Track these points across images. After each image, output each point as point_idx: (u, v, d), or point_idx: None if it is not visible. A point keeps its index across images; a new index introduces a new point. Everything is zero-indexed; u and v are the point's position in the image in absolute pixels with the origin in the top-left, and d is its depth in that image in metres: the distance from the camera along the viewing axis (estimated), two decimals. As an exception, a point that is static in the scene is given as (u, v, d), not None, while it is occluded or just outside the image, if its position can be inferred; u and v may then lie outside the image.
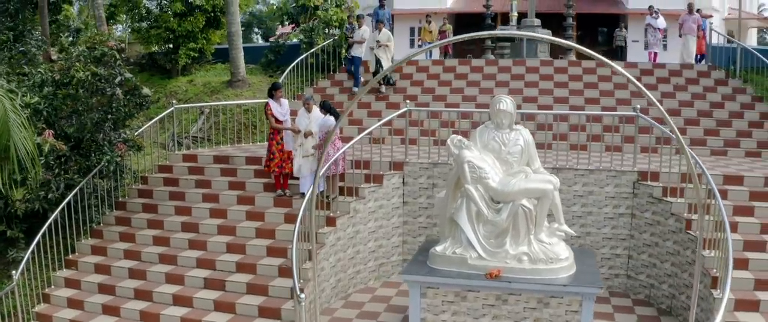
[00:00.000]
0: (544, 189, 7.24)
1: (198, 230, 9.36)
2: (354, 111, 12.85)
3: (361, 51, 13.73)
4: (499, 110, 7.45)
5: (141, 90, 9.59)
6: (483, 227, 7.38)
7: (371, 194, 9.50)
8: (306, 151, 9.13)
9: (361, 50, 13.73)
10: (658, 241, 8.64)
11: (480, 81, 13.70)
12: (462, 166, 7.31)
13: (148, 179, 10.61)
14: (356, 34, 13.80)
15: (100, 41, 9.10)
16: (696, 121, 10.85)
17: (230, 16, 13.56)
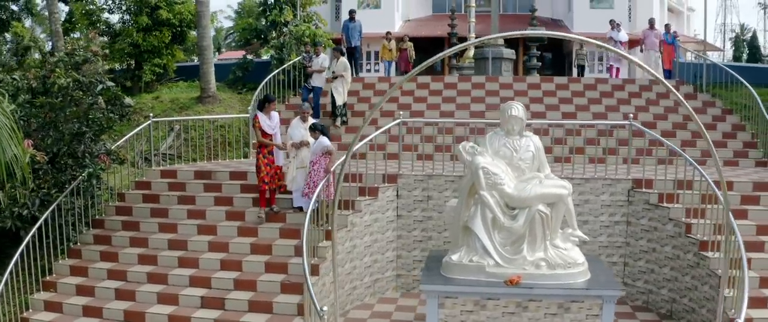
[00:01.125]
0: (560, 194, 7.27)
1: (187, 248, 8.83)
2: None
3: (321, 80, 13.12)
4: (511, 116, 7.46)
5: (123, 100, 9.04)
6: (498, 234, 7.31)
7: (367, 207, 9.28)
8: (301, 162, 8.83)
9: (321, 80, 13.11)
10: (655, 246, 8.84)
11: (455, 97, 13.82)
12: (477, 172, 7.24)
13: (126, 196, 9.97)
14: (315, 62, 13.13)
15: (81, 46, 8.53)
16: (672, 133, 11.31)
17: (201, 30, 13.13)
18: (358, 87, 14.48)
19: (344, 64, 12.80)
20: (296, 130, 9.06)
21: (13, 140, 6.42)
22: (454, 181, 9.66)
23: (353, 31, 15.59)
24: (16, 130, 6.54)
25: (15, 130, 6.52)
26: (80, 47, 8.61)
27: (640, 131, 9.47)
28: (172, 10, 13.99)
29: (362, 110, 13.61)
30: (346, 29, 15.65)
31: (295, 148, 8.91)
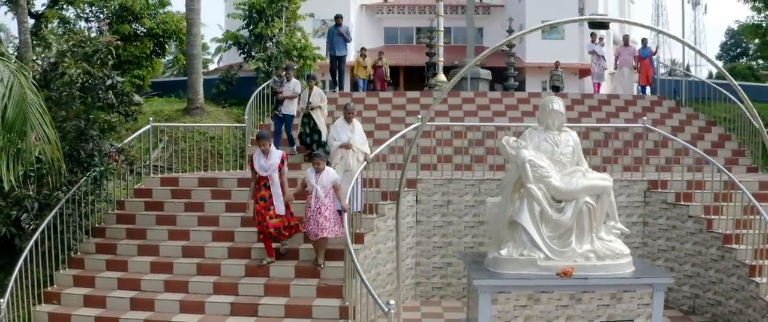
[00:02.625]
0: (605, 185, 7.32)
1: (204, 255, 8.26)
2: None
3: (293, 108, 11.79)
4: (552, 110, 7.51)
5: (132, 97, 8.46)
6: (546, 227, 7.24)
7: (390, 211, 9.03)
8: (346, 165, 8.50)
9: (293, 107, 11.78)
10: (674, 245, 9.04)
11: (448, 111, 13.88)
12: (524, 165, 7.19)
13: (125, 204, 9.26)
14: (286, 87, 11.87)
15: (90, 38, 7.96)
16: (664, 142, 11.77)
17: (192, 38, 12.60)
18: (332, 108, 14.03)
19: (320, 94, 11.51)
20: (342, 132, 8.75)
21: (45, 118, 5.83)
22: (473, 185, 9.60)
23: (339, 38, 14.76)
24: (45, 109, 5.96)
25: (44, 109, 5.94)
26: (89, 38, 8.00)
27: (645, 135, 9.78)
28: (154, 19, 13.39)
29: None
30: (331, 36, 14.81)
31: (345, 148, 8.59)
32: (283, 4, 14.46)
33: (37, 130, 5.77)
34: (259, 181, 7.78)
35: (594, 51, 16.11)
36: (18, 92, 5.74)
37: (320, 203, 7.57)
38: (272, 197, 7.71)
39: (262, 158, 7.74)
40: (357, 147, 8.64)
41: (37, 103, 5.81)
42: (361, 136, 8.79)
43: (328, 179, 7.66)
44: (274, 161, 7.72)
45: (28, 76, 6.00)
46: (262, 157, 7.74)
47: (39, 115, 5.81)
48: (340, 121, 8.93)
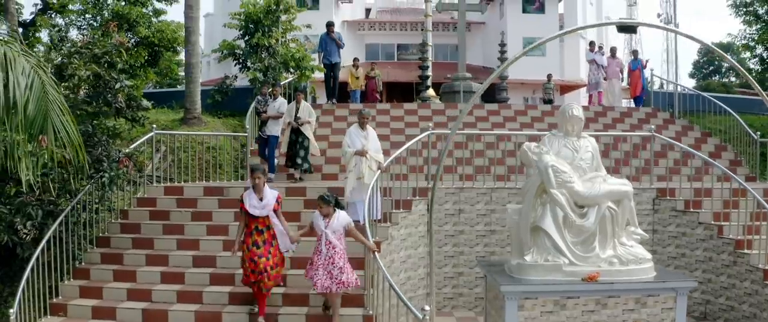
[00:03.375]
0: (626, 190, 7.36)
1: (216, 264, 8.01)
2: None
3: (278, 129, 11.16)
4: (572, 116, 7.54)
5: (140, 102, 8.23)
6: (569, 233, 7.23)
7: (403, 219, 8.94)
8: (359, 172, 8.36)
9: (277, 127, 11.16)
10: (684, 251, 9.12)
11: (446, 122, 13.88)
12: (547, 170, 7.18)
13: (129, 213, 8.96)
14: (270, 107, 11.18)
15: (100, 38, 7.74)
16: (663, 153, 11.95)
17: (190, 46, 12.37)
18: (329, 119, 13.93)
19: (309, 109, 11.02)
20: (356, 139, 8.61)
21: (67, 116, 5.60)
22: (485, 193, 9.57)
23: (332, 45, 14.35)
24: (66, 107, 5.73)
25: (65, 107, 5.71)
26: (98, 38, 7.76)
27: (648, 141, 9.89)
28: (150, 27, 13.12)
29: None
30: (324, 44, 14.38)
31: (360, 155, 8.45)
32: (279, 15, 14.32)
33: (59, 129, 5.52)
34: (249, 223, 6.64)
35: (594, 60, 15.64)
36: (39, 88, 5.51)
37: (332, 249, 6.67)
38: (270, 239, 6.69)
39: (254, 197, 6.60)
40: (371, 155, 8.52)
41: (59, 100, 5.58)
42: (375, 144, 8.69)
43: (340, 222, 6.74)
44: (268, 202, 6.65)
45: (47, 72, 5.75)
46: (253, 196, 6.61)
47: (60, 112, 5.57)
48: (354, 127, 8.81)
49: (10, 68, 5.22)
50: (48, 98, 5.51)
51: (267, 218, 6.69)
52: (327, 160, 12.27)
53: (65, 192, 7.65)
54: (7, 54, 5.28)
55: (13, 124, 5.45)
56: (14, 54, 5.40)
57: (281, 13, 14.44)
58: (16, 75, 5.23)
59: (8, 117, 5.29)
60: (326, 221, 6.73)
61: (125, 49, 7.90)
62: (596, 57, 15.57)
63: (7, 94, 5.15)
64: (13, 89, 5.17)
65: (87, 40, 7.84)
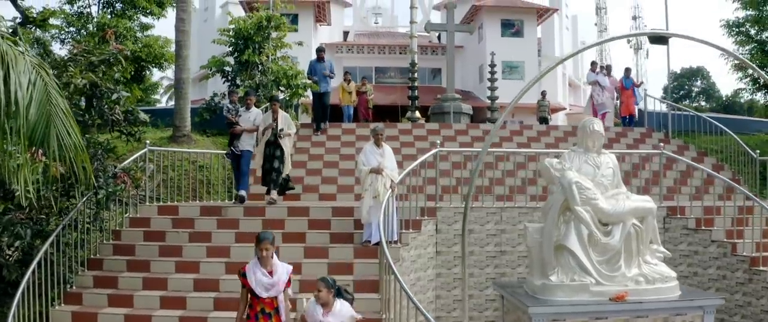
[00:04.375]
0: (650, 207, 7.19)
1: (219, 288, 7.49)
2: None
3: (251, 142, 9.82)
4: (593, 131, 7.37)
5: (138, 115, 7.76)
6: (594, 251, 7.00)
7: (413, 240, 8.60)
8: (375, 191, 7.98)
9: (252, 141, 9.83)
10: (697, 270, 8.98)
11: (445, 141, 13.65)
12: (571, 187, 6.96)
13: (121, 234, 8.40)
14: (243, 117, 9.72)
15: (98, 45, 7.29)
16: (663, 173, 11.92)
17: (181, 61, 11.91)
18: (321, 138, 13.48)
19: (287, 119, 9.72)
20: (371, 156, 8.24)
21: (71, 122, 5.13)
22: (495, 213, 9.31)
23: (321, 73, 13.30)
24: (70, 112, 5.27)
25: (69, 112, 5.25)
26: (95, 46, 7.31)
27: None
28: (137, 42, 12.62)
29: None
30: (313, 72, 13.40)
31: (375, 173, 8.08)
32: (270, 31, 13.99)
33: (63, 137, 5.04)
34: (253, 304, 5.21)
35: (597, 81, 14.61)
36: (41, 90, 5.03)
37: None
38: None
39: (260, 272, 5.17)
40: (387, 173, 8.16)
41: (62, 105, 5.11)
42: (391, 162, 8.35)
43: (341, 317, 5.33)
44: (279, 278, 5.24)
45: (49, 73, 5.28)
46: (259, 269, 5.18)
47: (64, 118, 5.09)
48: (369, 145, 8.46)
49: (11, 66, 4.74)
50: (51, 102, 5.04)
51: (275, 298, 5.22)
52: (323, 179, 11.87)
53: (55, 210, 7.09)
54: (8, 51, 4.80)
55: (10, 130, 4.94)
56: (14, 52, 4.93)
57: (272, 30, 14.11)
58: (18, 73, 4.75)
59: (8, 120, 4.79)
60: (324, 312, 5.28)
61: (124, 57, 7.43)
62: (599, 78, 14.71)
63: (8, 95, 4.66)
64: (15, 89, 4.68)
65: (83, 47, 7.37)
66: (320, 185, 11.78)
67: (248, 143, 9.78)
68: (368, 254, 8.03)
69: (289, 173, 9.96)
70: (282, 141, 9.52)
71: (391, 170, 8.29)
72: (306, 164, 12.43)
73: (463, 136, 13.92)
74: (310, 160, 12.67)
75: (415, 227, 8.72)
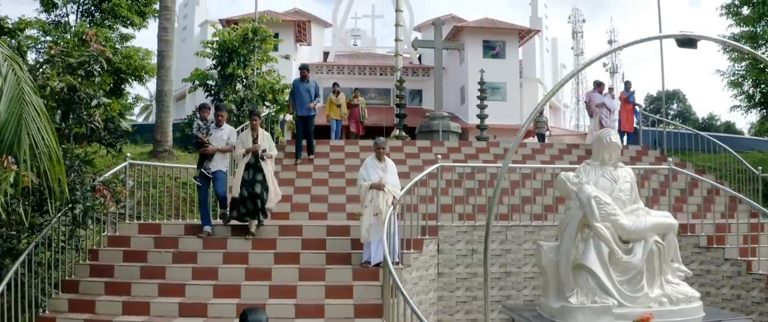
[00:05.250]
0: (671, 223, 6.81)
1: (207, 313, 6.87)
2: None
3: (225, 163, 8.65)
4: (609, 143, 7.00)
5: (119, 124, 7.14)
6: (614, 270, 6.55)
7: (415, 261, 8.07)
8: (376, 208, 7.44)
9: (225, 162, 8.66)
10: (709, 290, 8.61)
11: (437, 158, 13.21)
12: (589, 202, 6.54)
13: (99, 254, 7.69)
14: (214, 136, 8.48)
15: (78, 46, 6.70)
16: (663, 191, 11.64)
17: (163, 72, 11.29)
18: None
19: (269, 138, 8.66)
20: (372, 171, 7.71)
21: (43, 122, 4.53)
22: (500, 231, 8.84)
23: (305, 94, 11.94)
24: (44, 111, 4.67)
25: (43, 111, 4.65)
26: (75, 47, 6.70)
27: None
28: (117, 53, 11.97)
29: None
30: (296, 93, 12.00)
31: (376, 188, 7.54)
32: (255, 45, 13.48)
33: (36, 138, 4.43)
34: None
35: (603, 103, 13.63)
36: (13, 85, 4.43)
37: None
38: None
39: None
40: (389, 189, 7.64)
41: (36, 104, 4.50)
42: (393, 177, 7.83)
43: None
44: None
45: (23, 67, 4.68)
46: None
47: (38, 118, 4.49)
48: (370, 159, 7.94)
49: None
50: (23, 99, 4.43)
51: None
52: (313, 198, 11.25)
53: (27, 226, 6.39)
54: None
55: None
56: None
57: (258, 43, 13.60)
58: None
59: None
60: None
61: (106, 60, 6.82)
62: (606, 100, 13.70)
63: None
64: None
65: (61, 48, 6.75)
66: (310, 204, 11.16)
67: (222, 163, 8.61)
68: (369, 276, 7.48)
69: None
70: (264, 164, 8.33)
71: (393, 186, 7.78)
72: (294, 182, 11.84)
73: (455, 153, 13.50)
74: (298, 177, 12.08)
75: (417, 247, 8.21)
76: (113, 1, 12.48)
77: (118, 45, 13.23)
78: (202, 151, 8.46)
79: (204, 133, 8.55)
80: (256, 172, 8.30)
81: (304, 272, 7.62)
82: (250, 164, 8.32)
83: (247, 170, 8.30)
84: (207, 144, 8.44)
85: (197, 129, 8.64)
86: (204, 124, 8.64)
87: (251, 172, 8.30)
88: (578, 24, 52.90)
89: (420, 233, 8.47)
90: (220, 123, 8.67)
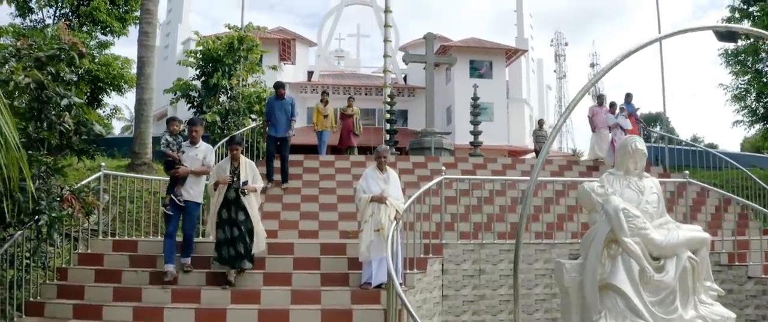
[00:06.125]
0: (704, 238, 6.22)
1: (189, 341, 6.03)
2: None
3: (199, 190, 7.26)
4: (635, 150, 6.40)
5: (92, 127, 6.40)
6: (645, 290, 5.93)
7: (418, 282, 7.38)
8: (377, 223, 6.74)
9: (199, 189, 7.27)
10: (733, 310, 7.96)
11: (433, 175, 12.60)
12: (618, 215, 5.91)
13: (68, 273, 6.87)
14: (187, 155, 7.21)
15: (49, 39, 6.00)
16: (670, 207, 11.13)
17: (143, 79, 10.53)
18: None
19: (252, 167, 7.28)
20: (373, 182, 7.03)
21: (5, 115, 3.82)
22: (509, 250, 8.18)
23: (281, 113, 10.46)
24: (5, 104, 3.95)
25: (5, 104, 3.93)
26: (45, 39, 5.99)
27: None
28: (95, 60, 11.20)
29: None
30: (271, 112, 10.52)
31: (378, 201, 6.85)
32: (241, 54, 12.82)
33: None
34: None
35: (617, 124, 13.04)
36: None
37: None
38: None
39: None
40: (391, 202, 6.95)
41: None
42: (396, 190, 7.15)
43: None
44: None
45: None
46: None
47: (0, 112, 3.77)
48: (370, 169, 7.27)
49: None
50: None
51: None
52: (302, 215, 10.47)
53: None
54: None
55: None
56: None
57: (244, 53, 12.94)
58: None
59: None
60: None
61: (79, 54, 6.10)
62: (620, 120, 13.04)
63: None
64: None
65: (29, 40, 6.03)
66: (300, 221, 10.40)
67: (196, 192, 7.17)
68: (369, 299, 6.77)
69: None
70: (247, 199, 6.96)
71: (396, 199, 7.11)
72: (282, 198, 11.09)
73: (452, 169, 12.87)
74: (286, 193, 11.33)
75: (420, 267, 7.51)
76: (92, 5, 11.73)
77: (97, 52, 12.46)
78: (173, 172, 7.08)
79: (174, 149, 7.22)
80: (237, 210, 6.95)
81: (297, 294, 6.88)
82: (229, 201, 6.97)
83: (226, 208, 6.98)
84: (178, 163, 7.07)
85: (165, 145, 7.18)
86: (174, 141, 7.26)
87: (233, 210, 6.96)
88: (561, 47, 53.26)
89: (423, 251, 7.79)
90: (194, 140, 7.31)
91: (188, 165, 7.11)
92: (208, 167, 7.26)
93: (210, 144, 8.21)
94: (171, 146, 7.20)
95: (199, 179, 7.26)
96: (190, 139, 7.35)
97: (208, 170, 7.25)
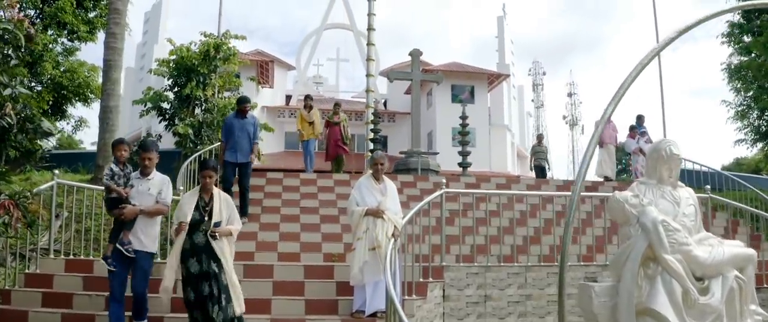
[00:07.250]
0: (750, 254, 5.45)
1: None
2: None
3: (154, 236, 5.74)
4: (670, 155, 5.64)
5: (40, 124, 5.43)
6: (688, 315, 5.11)
7: (418, 309, 6.46)
8: (373, 241, 5.82)
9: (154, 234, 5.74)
10: (765, 342, 7.23)
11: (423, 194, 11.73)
12: (656, 229, 5.12)
13: (11, 295, 5.81)
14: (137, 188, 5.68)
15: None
16: (716, 217, 10.51)
17: (110, 85, 9.55)
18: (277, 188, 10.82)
19: (228, 203, 5.60)
20: (368, 194, 6.13)
21: None
22: (518, 273, 7.33)
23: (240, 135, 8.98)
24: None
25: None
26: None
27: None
28: (59, 65, 10.17)
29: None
30: (229, 131, 9.01)
31: (373, 216, 5.95)
32: (217, 63, 11.94)
33: None
34: None
35: (640, 149, 12.74)
36: None
37: None
38: None
39: None
40: (389, 216, 6.05)
41: None
42: (394, 203, 6.28)
43: None
44: None
45: None
46: None
47: None
48: (365, 179, 6.39)
49: None
50: None
51: None
52: (282, 236, 9.43)
53: None
54: None
55: None
56: None
57: (220, 62, 12.07)
58: None
59: None
60: None
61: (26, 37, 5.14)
62: (642, 144, 12.66)
63: None
64: None
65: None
66: (278, 242, 9.37)
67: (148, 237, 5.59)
68: (363, 328, 5.82)
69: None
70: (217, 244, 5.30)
71: (394, 213, 6.22)
72: (260, 217, 10.10)
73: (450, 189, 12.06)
74: (264, 212, 10.36)
75: (420, 292, 6.60)
76: (56, 5, 10.74)
77: (61, 58, 11.42)
78: (117, 213, 5.46)
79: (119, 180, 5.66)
80: (209, 260, 5.27)
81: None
82: (197, 247, 5.28)
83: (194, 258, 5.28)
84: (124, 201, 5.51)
85: (109, 177, 5.60)
86: (121, 171, 5.70)
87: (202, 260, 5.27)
88: (538, 76, 53.47)
89: (422, 275, 6.89)
90: (146, 170, 5.67)
91: (138, 203, 5.54)
92: (164, 206, 5.69)
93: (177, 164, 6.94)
94: (116, 179, 5.64)
95: (153, 220, 5.65)
96: (142, 170, 5.71)
97: (165, 210, 5.76)
